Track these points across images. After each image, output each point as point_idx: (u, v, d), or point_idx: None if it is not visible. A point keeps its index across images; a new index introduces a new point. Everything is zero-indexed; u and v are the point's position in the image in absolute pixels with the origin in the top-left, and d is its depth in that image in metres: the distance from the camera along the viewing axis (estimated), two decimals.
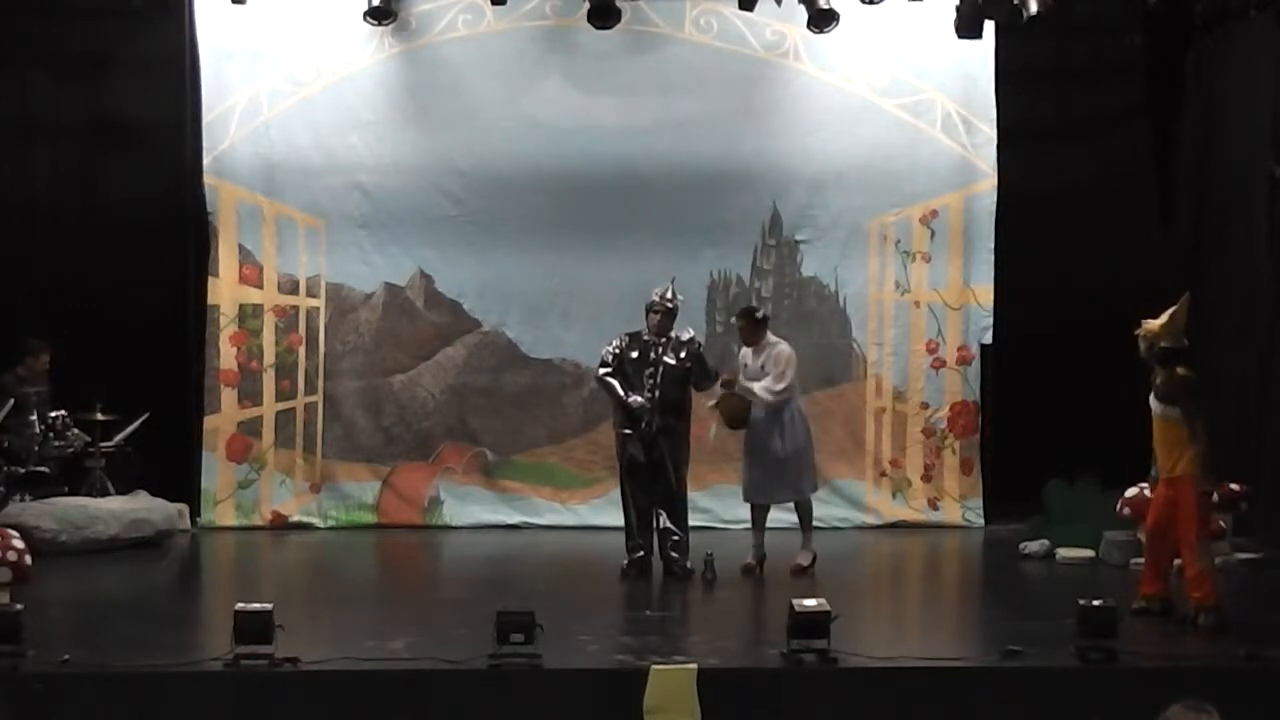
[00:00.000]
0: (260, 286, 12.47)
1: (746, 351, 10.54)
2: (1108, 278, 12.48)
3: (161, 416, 12.02)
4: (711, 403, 10.53)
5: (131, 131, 12.61)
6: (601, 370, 10.46)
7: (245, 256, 12.45)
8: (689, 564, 10.28)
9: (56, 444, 11.74)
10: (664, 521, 10.35)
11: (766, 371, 10.30)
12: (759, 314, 10.67)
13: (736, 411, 10.37)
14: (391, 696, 7.45)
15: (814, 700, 7.55)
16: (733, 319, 11.17)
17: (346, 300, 12.61)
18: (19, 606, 7.71)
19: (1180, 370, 8.68)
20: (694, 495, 11.18)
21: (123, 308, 12.34)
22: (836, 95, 12.56)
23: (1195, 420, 8.57)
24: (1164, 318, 8.79)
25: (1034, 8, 11.13)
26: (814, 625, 7.66)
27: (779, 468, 10.38)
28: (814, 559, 10.46)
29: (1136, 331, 8.86)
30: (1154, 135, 12.95)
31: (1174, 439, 8.66)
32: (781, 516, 10.78)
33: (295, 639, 7.67)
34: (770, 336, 10.48)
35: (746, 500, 10.69)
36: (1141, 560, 9.60)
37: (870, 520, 12.49)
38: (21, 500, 11.30)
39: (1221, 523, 10.32)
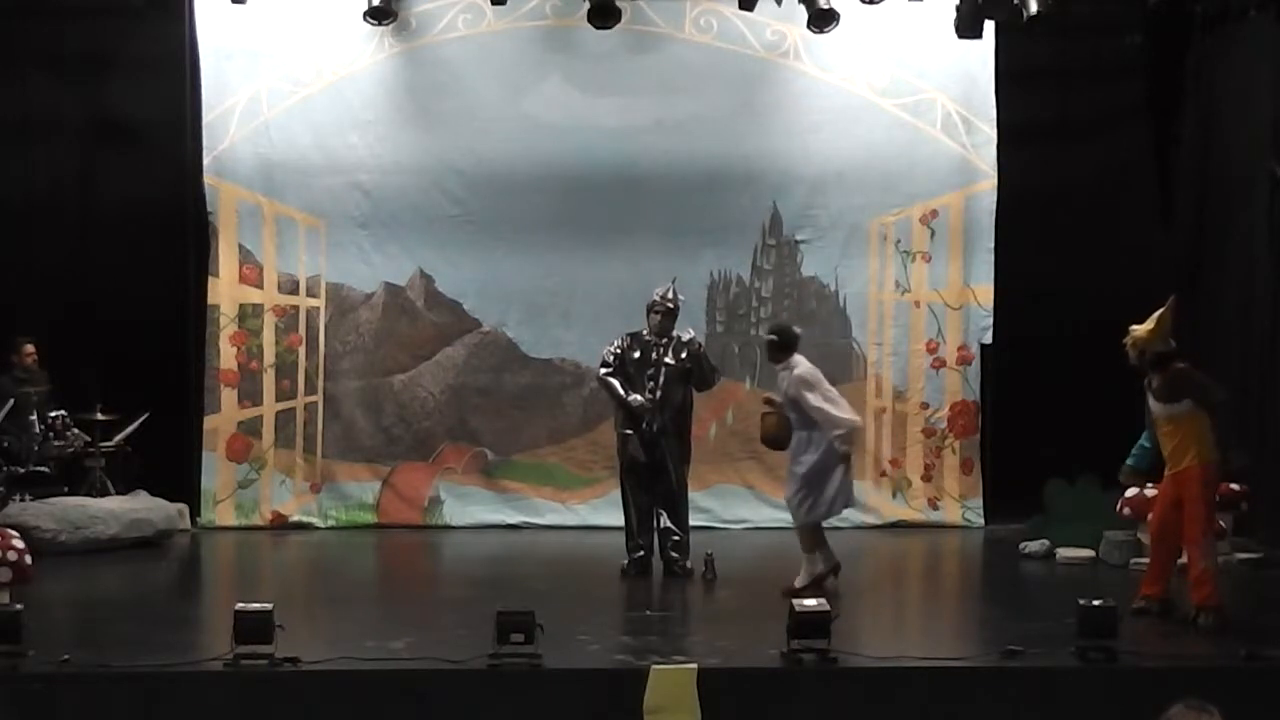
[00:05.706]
0: (260, 286, 12.47)
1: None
2: (1108, 277, 12.46)
3: (161, 416, 12.02)
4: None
5: (131, 131, 12.62)
6: (602, 370, 10.45)
7: (245, 256, 12.46)
8: (689, 564, 10.28)
9: (56, 444, 11.75)
10: (664, 521, 10.35)
11: (789, 395, 9.54)
12: (773, 338, 9.79)
13: (772, 431, 9.81)
14: (391, 696, 7.45)
15: (814, 700, 7.54)
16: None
17: (346, 300, 12.61)
18: (19, 606, 7.70)
19: (1177, 365, 8.68)
20: (694, 495, 11.18)
21: (123, 308, 12.33)
22: (836, 95, 12.55)
23: (1213, 400, 8.55)
24: (1150, 323, 8.75)
25: (1034, 8, 11.12)
26: (814, 625, 7.65)
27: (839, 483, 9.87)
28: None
29: (1124, 340, 8.83)
30: (1154, 135, 12.94)
31: (1181, 436, 8.65)
32: (782, 517, 10.73)
33: (295, 639, 7.67)
34: (794, 358, 9.63)
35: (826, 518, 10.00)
36: (1141, 560, 9.60)
37: (870, 520, 12.47)
38: (21, 500, 11.30)
39: (1221, 523, 10.31)
